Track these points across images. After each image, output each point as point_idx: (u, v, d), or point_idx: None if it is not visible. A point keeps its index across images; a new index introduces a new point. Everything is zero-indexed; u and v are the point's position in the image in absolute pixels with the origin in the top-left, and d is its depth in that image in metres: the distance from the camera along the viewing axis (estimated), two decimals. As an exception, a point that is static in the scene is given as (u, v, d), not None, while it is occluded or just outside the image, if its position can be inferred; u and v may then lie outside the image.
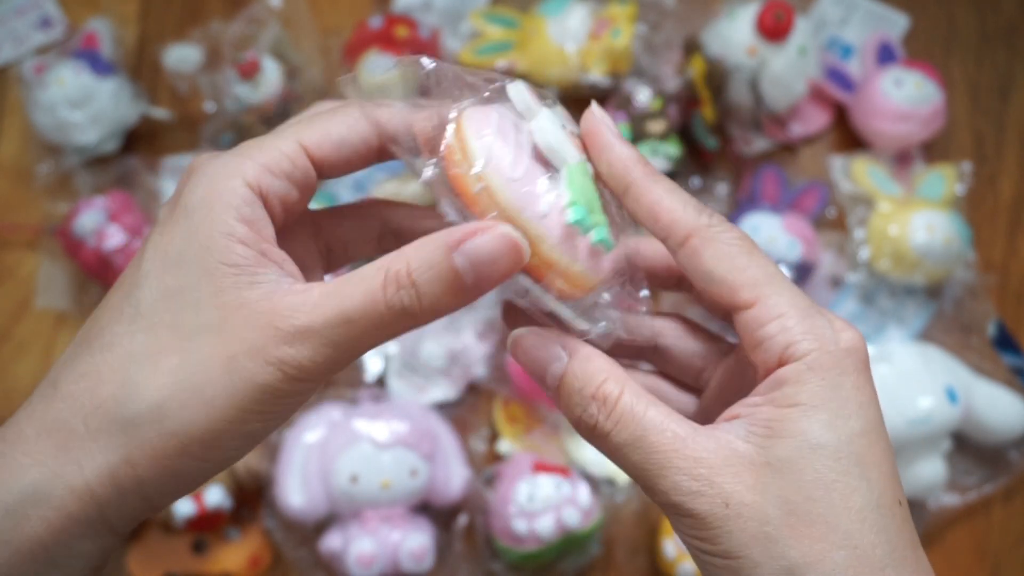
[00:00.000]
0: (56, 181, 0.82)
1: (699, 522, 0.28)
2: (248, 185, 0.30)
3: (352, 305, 0.29)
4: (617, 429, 0.29)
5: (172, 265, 0.30)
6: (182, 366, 0.29)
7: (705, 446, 0.29)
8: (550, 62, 0.82)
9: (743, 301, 0.30)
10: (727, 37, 0.79)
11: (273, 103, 0.79)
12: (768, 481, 0.28)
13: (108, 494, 0.29)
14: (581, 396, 0.30)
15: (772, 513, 0.28)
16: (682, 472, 0.28)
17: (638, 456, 0.29)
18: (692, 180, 0.84)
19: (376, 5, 0.88)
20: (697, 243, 0.30)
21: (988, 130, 0.89)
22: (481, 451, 0.76)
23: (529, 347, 0.31)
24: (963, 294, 0.81)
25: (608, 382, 0.30)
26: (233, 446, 0.30)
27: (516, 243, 0.29)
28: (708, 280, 0.30)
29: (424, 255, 0.28)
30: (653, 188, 0.31)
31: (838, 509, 0.28)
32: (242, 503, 0.73)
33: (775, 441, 0.29)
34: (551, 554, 0.71)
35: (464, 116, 0.31)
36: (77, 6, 0.88)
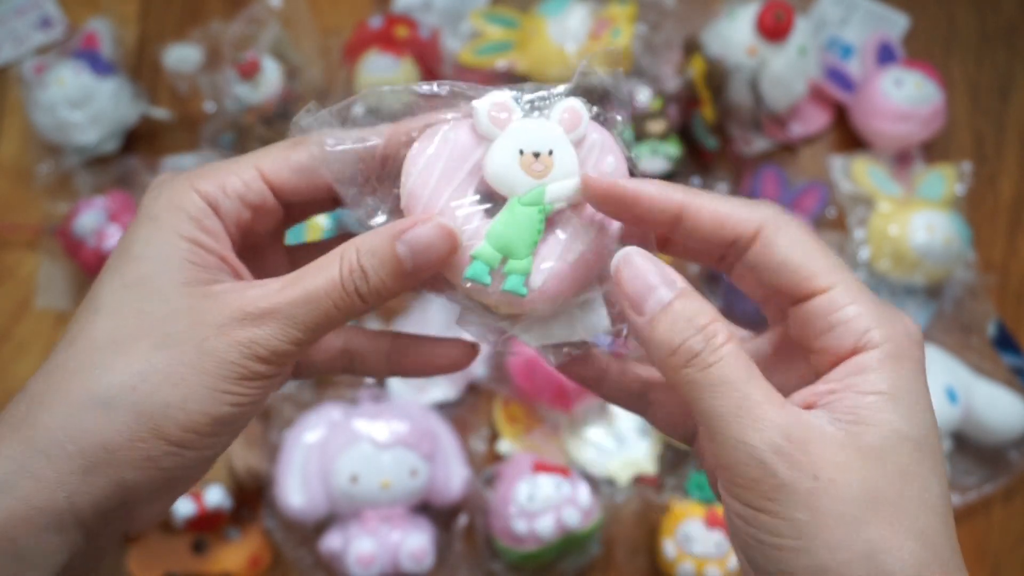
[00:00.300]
0: (56, 181, 0.82)
1: (778, 489, 0.27)
2: (204, 199, 0.33)
3: (315, 286, 0.31)
4: (721, 364, 0.29)
5: (133, 261, 0.31)
6: (154, 349, 0.30)
7: (798, 416, 0.28)
8: (550, 62, 0.82)
9: (818, 286, 0.30)
10: (727, 37, 0.79)
11: (273, 103, 0.79)
12: (857, 464, 0.28)
13: (78, 483, 0.29)
14: (690, 324, 0.29)
15: (859, 494, 0.27)
16: (778, 430, 0.28)
17: (732, 401, 0.28)
18: (692, 180, 0.84)
19: (376, 5, 0.88)
20: (770, 232, 0.31)
21: (988, 130, 0.89)
22: (481, 451, 0.76)
23: (640, 265, 0.31)
24: (963, 294, 0.81)
25: (718, 322, 0.30)
26: (207, 432, 0.30)
27: (450, 232, 0.32)
28: (783, 267, 0.30)
29: (371, 243, 0.32)
30: (705, 200, 0.32)
31: (916, 501, 0.28)
32: (242, 503, 0.73)
33: (863, 428, 0.28)
34: (551, 554, 0.71)
35: (413, 146, 0.33)
36: (77, 6, 0.88)
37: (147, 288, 0.31)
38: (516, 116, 0.33)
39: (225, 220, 0.33)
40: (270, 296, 0.31)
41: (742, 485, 0.28)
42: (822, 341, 0.30)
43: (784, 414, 0.28)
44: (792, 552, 0.28)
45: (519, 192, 0.32)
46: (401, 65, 0.79)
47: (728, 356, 0.29)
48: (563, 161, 0.33)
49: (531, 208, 0.32)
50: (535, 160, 0.32)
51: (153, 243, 0.32)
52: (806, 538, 0.27)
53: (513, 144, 0.32)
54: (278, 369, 0.32)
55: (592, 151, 0.33)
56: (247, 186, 0.34)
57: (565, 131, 0.33)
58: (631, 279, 0.31)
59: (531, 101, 0.33)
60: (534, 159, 0.32)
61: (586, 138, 0.33)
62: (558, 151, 0.33)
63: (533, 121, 0.33)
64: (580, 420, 0.77)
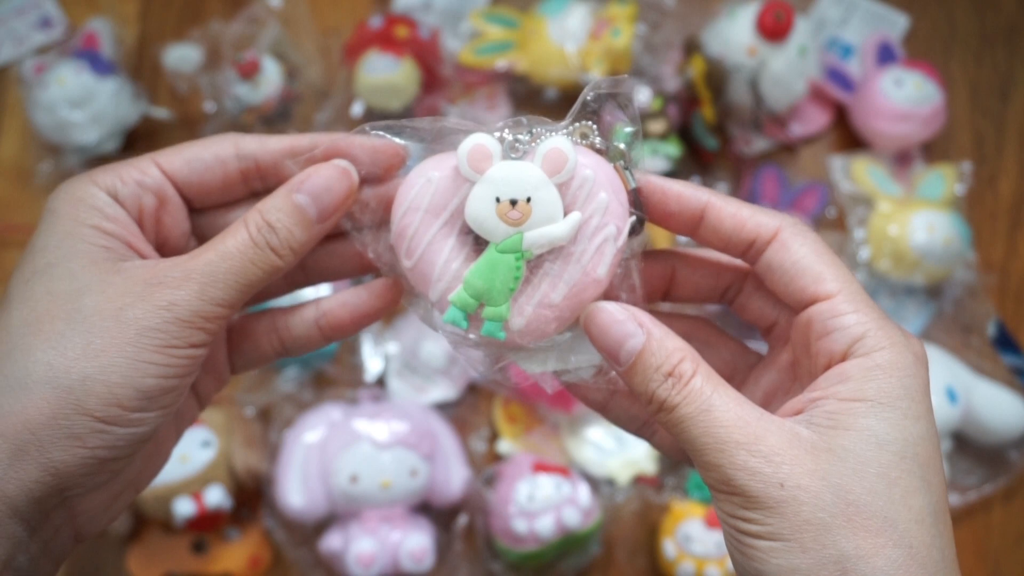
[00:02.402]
0: (56, 181, 0.82)
1: (749, 501, 0.28)
2: (103, 190, 0.33)
3: (227, 247, 0.31)
4: (685, 402, 0.30)
5: (38, 252, 0.31)
6: (68, 324, 0.29)
7: (767, 428, 0.29)
8: (550, 62, 0.82)
9: (825, 291, 0.31)
10: (727, 37, 0.79)
11: (273, 103, 0.79)
12: (828, 468, 0.28)
13: (4, 468, 0.28)
14: (657, 373, 0.31)
15: (829, 500, 0.28)
16: (741, 447, 0.29)
17: (699, 430, 0.29)
18: (692, 180, 0.84)
19: (376, 5, 0.88)
20: (787, 236, 0.32)
21: (988, 130, 0.89)
22: (481, 451, 0.76)
23: (606, 322, 0.32)
24: (963, 294, 0.81)
25: (685, 361, 0.31)
26: (133, 406, 0.30)
27: (344, 170, 0.33)
28: (796, 267, 0.31)
29: (272, 200, 0.33)
30: (728, 202, 0.33)
31: (899, 507, 0.28)
32: (242, 503, 0.73)
33: (840, 432, 0.29)
34: (551, 554, 0.71)
35: (401, 186, 0.33)
36: (77, 6, 0.88)
37: (54, 272, 0.31)
38: (496, 159, 0.32)
39: (126, 206, 0.33)
40: (183, 262, 0.31)
41: (722, 500, 0.29)
42: (817, 346, 0.31)
43: (751, 431, 0.29)
44: (768, 552, 0.28)
45: (496, 240, 0.32)
46: (401, 65, 0.79)
47: (691, 393, 0.30)
48: (544, 207, 0.32)
49: (508, 255, 0.32)
50: (511, 208, 0.32)
51: (56, 233, 0.32)
52: (780, 540, 0.28)
53: (490, 191, 0.32)
54: (203, 336, 0.31)
55: (582, 188, 0.32)
56: (143, 172, 0.34)
57: (548, 174, 0.32)
58: (600, 336, 0.32)
59: (516, 141, 0.33)
60: (510, 207, 0.32)
61: (576, 175, 0.32)
62: (538, 196, 0.32)
63: (513, 165, 0.32)
64: (580, 420, 0.77)
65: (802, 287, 0.31)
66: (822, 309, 0.31)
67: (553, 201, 0.32)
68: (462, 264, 0.33)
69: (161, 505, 0.69)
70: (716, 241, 0.33)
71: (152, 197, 0.34)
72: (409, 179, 0.33)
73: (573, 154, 0.32)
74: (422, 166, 0.34)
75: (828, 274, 0.31)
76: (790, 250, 0.32)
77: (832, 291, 0.31)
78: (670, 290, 0.37)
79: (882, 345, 0.30)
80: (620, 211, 0.33)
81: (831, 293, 0.31)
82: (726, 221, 0.33)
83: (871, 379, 0.29)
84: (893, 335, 0.30)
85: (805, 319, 0.31)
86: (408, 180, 0.33)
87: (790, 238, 0.32)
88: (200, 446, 0.70)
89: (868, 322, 0.30)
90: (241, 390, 0.77)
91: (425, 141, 0.34)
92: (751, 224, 0.32)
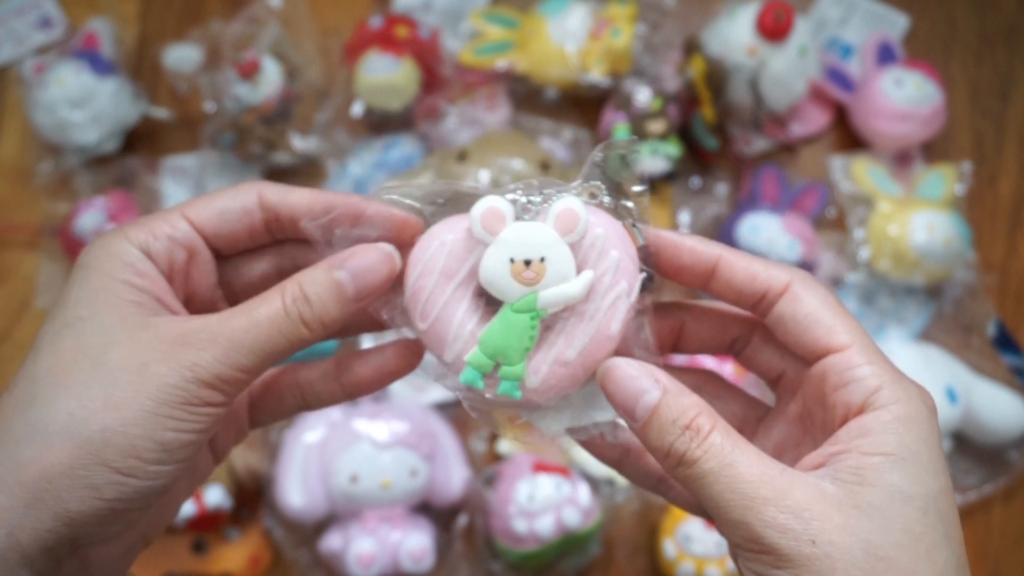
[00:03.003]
0: (56, 181, 0.82)
1: (780, 559, 0.28)
2: (136, 246, 0.33)
3: (258, 314, 0.32)
4: (706, 457, 0.30)
5: (70, 306, 0.32)
6: (92, 375, 0.30)
7: (792, 482, 0.29)
8: (550, 62, 0.82)
9: (838, 343, 0.31)
10: (727, 37, 0.79)
11: (273, 103, 0.79)
12: (856, 524, 0.28)
13: (20, 517, 0.28)
14: (674, 426, 0.31)
15: (859, 557, 0.28)
16: (769, 504, 0.28)
17: (722, 485, 0.29)
18: (692, 180, 0.84)
19: (376, 5, 0.88)
20: (799, 288, 0.32)
21: (988, 130, 0.89)
22: (481, 451, 0.76)
23: (621, 378, 0.32)
24: (963, 294, 0.81)
25: (701, 416, 0.31)
26: (151, 459, 0.30)
27: (388, 255, 0.33)
28: (808, 319, 0.32)
29: (312, 273, 0.33)
30: (740, 255, 0.34)
31: (923, 562, 0.28)
32: (242, 503, 0.73)
33: (865, 488, 0.29)
34: (551, 554, 0.71)
35: (414, 249, 0.34)
36: (77, 6, 0.88)
37: (84, 325, 0.31)
38: (509, 221, 0.33)
39: (157, 261, 0.33)
40: (212, 324, 0.31)
41: (749, 559, 0.29)
42: (834, 397, 0.31)
43: (776, 486, 0.29)
44: None
45: (511, 300, 0.33)
46: (401, 65, 0.79)
47: (712, 448, 0.30)
48: (557, 266, 0.33)
49: (523, 315, 0.33)
50: (526, 268, 0.33)
51: (88, 287, 0.32)
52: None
53: (504, 252, 0.33)
54: (222, 397, 0.31)
55: (593, 247, 0.33)
56: (174, 227, 0.34)
57: (560, 234, 0.33)
58: (615, 392, 0.32)
59: (528, 202, 0.33)
60: (525, 267, 0.33)
61: (588, 234, 0.33)
62: (552, 256, 0.33)
63: (526, 226, 0.33)
64: (580, 420, 0.77)
65: (815, 338, 0.32)
66: (836, 361, 0.31)
67: (567, 260, 0.33)
68: (476, 325, 0.33)
69: (161, 505, 0.69)
70: (728, 293, 0.34)
71: (183, 251, 0.34)
72: (422, 242, 0.34)
73: (585, 213, 0.33)
74: (435, 229, 0.34)
75: (840, 326, 0.32)
76: (802, 302, 0.32)
77: (845, 343, 0.31)
78: (678, 342, 0.38)
79: (898, 398, 0.30)
80: (631, 268, 0.33)
81: (844, 345, 0.31)
82: (738, 274, 0.33)
83: (891, 432, 0.30)
84: (908, 387, 0.31)
85: (819, 371, 0.32)
86: (421, 243, 0.34)
87: (802, 291, 0.32)
88: (200, 446, 0.70)
89: (883, 374, 0.31)
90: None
91: (437, 204, 0.35)
92: (763, 277, 0.33)
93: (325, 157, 0.82)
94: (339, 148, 0.82)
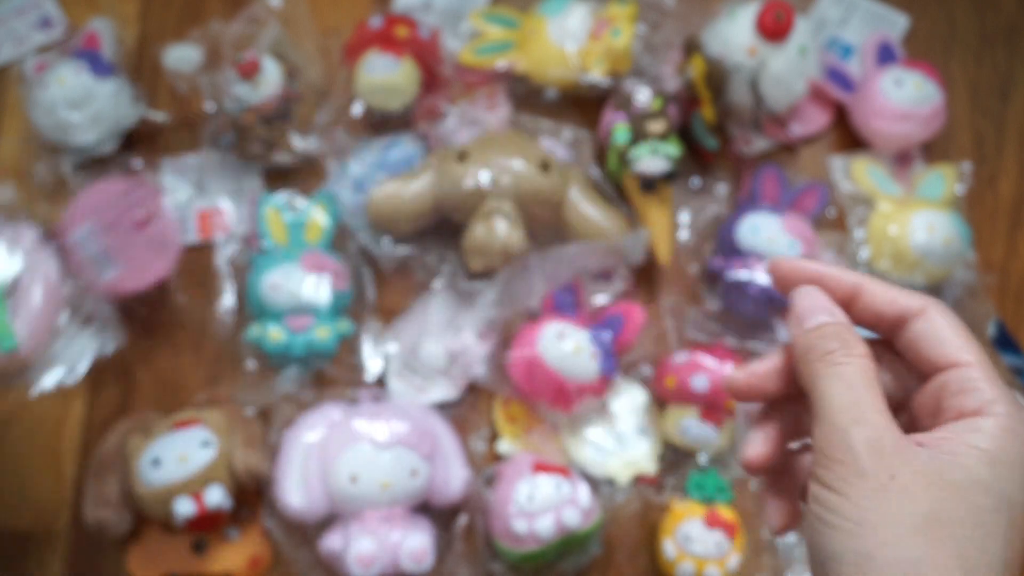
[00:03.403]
0: (52, 183, 0.82)
1: (854, 474, 0.31)
2: None
3: None
4: (851, 366, 0.33)
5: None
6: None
7: (900, 434, 0.32)
8: (550, 62, 0.82)
9: (963, 359, 0.35)
10: (727, 37, 0.79)
11: (273, 103, 0.79)
12: (932, 487, 0.31)
13: None
14: (837, 337, 0.34)
15: (924, 510, 0.30)
16: (876, 428, 0.31)
17: (848, 396, 0.32)
18: (692, 180, 0.84)
19: (376, 5, 0.88)
20: (934, 312, 0.36)
21: (988, 130, 0.89)
22: (481, 451, 0.76)
23: (817, 296, 0.36)
24: (963, 294, 0.81)
25: (864, 349, 0.34)
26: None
27: None
28: (941, 336, 0.35)
29: None
30: (879, 283, 0.37)
31: (978, 545, 0.30)
32: (242, 503, 0.73)
33: (954, 469, 0.31)
34: (551, 554, 0.71)
35: None
36: (77, 6, 0.88)
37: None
38: None
39: None
40: None
41: (827, 467, 0.32)
42: (950, 402, 0.34)
43: (887, 424, 0.32)
44: (846, 534, 0.30)
45: None
46: (401, 65, 0.79)
47: (859, 363, 0.33)
48: None
49: None
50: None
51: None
52: (864, 525, 0.30)
53: None
54: None
55: None
56: None
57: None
58: (803, 303, 0.36)
59: None
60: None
61: None
62: None
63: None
64: (580, 420, 0.77)
65: (943, 353, 0.35)
66: (960, 373, 0.34)
67: None
68: None
69: (161, 505, 0.69)
70: (867, 317, 0.37)
71: None
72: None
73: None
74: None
75: (967, 347, 0.35)
76: (935, 322, 0.35)
77: (970, 360, 0.34)
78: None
79: (1011, 412, 0.33)
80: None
81: (969, 362, 0.34)
82: (879, 298, 0.36)
83: (997, 437, 0.32)
84: (1018, 407, 0.34)
85: (939, 382, 0.35)
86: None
87: (936, 314, 0.35)
88: (200, 446, 0.70)
89: (1000, 391, 0.34)
90: (241, 390, 0.77)
91: None
92: (903, 301, 0.36)
93: (325, 157, 0.82)
94: (339, 148, 0.82)
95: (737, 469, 0.76)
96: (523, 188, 0.75)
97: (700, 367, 0.75)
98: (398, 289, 0.81)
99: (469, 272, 0.79)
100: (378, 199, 0.77)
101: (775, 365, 0.37)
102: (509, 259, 0.75)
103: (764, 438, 0.37)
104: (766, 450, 0.37)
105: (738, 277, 0.77)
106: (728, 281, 0.77)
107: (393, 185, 0.77)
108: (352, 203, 0.79)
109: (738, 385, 0.37)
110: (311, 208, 0.79)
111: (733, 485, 0.75)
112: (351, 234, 0.80)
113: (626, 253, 0.78)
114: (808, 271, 0.37)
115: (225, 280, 0.80)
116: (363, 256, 0.80)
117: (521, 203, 0.75)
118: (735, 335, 0.79)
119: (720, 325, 0.79)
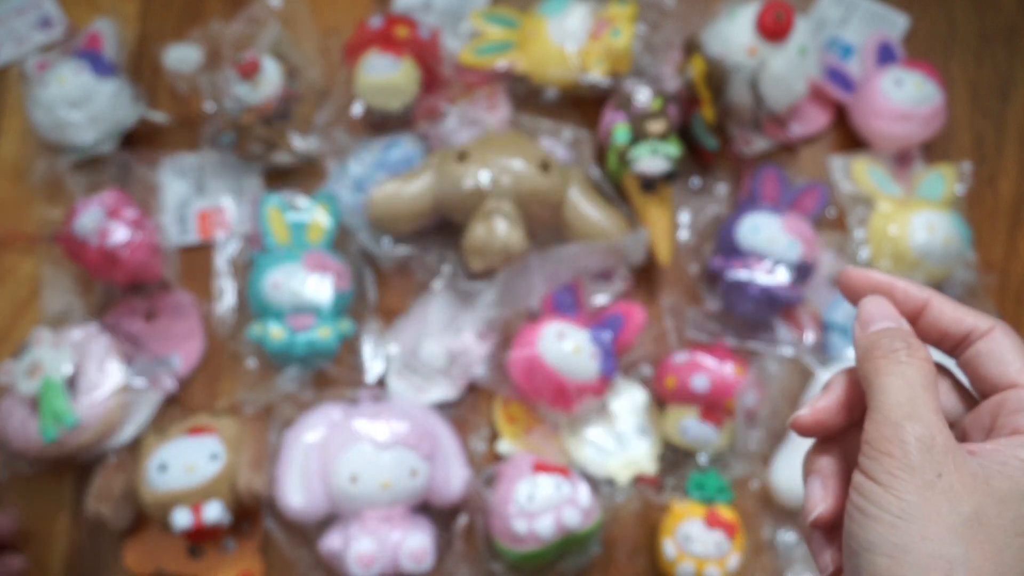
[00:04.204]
0: (50, 183, 0.82)
1: (903, 468, 0.31)
2: None
3: None
4: (913, 366, 0.34)
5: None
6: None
7: (952, 437, 0.32)
8: (550, 62, 0.82)
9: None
10: (727, 37, 0.79)
11: (273, 103, 0.79)
12: (978, 492, 0.31)
13: None
14: (902, 338, 0.35)
15: (967, 512, 0.30)
16: (928, 428, 0.32)
17: (906, 393, 0.33)
18: (692, 180, 0.84)
19: (376, 5, 0.88)
20: (1000, 332, 0.36)
21: (988, 130, 0.89)
22: (481, 451, 0.76)
23: (885, 305, 0.36)
24: (963, 294, 0.81)
25: (929, 355, 0.35)
26: None
27: None
28: (1005, 361, 0.36)
29: None
30: (948, 300, 0.37)
31: (1015, 553, 0.31)
32: (243, 518, 0.73)
33: (1002, 479, 0.32)
34: (551, 554, 0.71)
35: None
36: (77, 6, 0.88)
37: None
38: None
39: None
40: None
41: (876, 459, 0.32)
42: (1006, 419, 0.34)
43: (940, 425, 0.32)
44: (887, 527, 0.31)
45: None
46: (401, 65, 0.79)
47: (921, 365, 0.34)
48: None
49: None
50: None
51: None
52: (905, 518, 0.30)
53: None
54: None
55: None
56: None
57: None
58: (869, 309, 0.36)
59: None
60: None
61: None
62: None
63: None
64: (580, 420, 0.77)
65: (1004, 372, 0.35)
66: (1020, 392, 0.34)
67: None
68: None
69: (161, 511, 0.69)
70: (932, 333, 0.37)
71: None
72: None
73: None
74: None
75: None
76: (1001, 343, 0.36)
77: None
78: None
79: None
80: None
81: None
82: (947, 315, 0.37)
83: None
84: None
85: (997, 400, 0.35)
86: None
87: (1002, 334, 0.36)
88: (208, 458, 0.70)
89: None
90: (241, 390, 0.77)
91: None
92: (970, 320, 0.36)
93: (325, 157, 0.82)
94: (339, 148, 0.82)
95: (737, 469, 0.76)
96: (523, 188, 0.75)
97: (700, 367, 0.75)
98: (398, 289, 0.81)
99: (469, 272, 0.79)
100: (378, 199, 0.77)
101: (838, 398, 0.37)
102: (509, 259, 0.75)
103: (823, 489, 0.36)
104: (834, 502, 0.36)
105: (738, 277, 0.77)
106: (728, 281, 0.77)
107: (393, 185, 0.77)
108: (352, 203, 0.79)
109: (805, 424, 0.37)
110: (313, 208, 0.79)
111: (733, 485, 0.75)
112: (352, 234, 0.80)
113: (626, 253, 0.78)
114: (878, 282, 0.37)
115: (225, 279, 0.80)
116: (363, 256, 0.80)
117: (521, 203, 0.75)
118: (735, 335, 0.79)
119: (720, 325, 0.79)
